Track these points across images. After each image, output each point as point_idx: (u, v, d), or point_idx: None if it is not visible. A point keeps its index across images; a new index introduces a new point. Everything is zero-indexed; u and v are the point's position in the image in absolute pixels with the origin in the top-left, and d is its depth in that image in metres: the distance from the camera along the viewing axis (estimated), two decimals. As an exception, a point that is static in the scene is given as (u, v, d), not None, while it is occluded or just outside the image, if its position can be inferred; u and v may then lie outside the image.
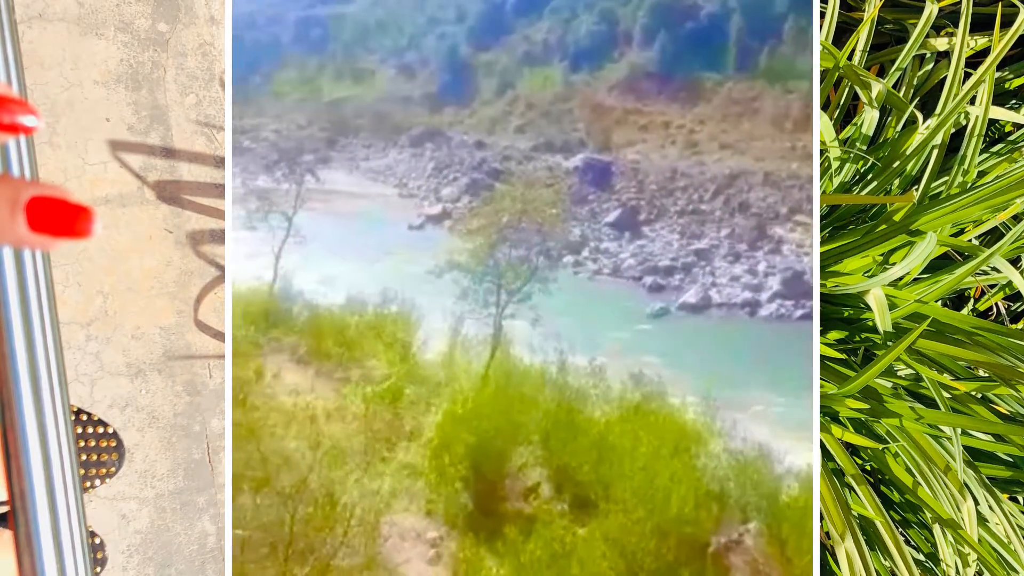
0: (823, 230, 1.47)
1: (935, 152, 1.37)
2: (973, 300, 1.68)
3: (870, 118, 1.41)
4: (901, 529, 1.47)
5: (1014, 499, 1.47)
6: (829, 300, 1.43)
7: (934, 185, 1.41)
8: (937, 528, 1.29)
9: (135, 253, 1.61)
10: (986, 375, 1.31)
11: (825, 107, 1.54)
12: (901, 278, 1.33)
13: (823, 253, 1.37)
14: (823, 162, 1.43)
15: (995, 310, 1.74)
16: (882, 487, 1.49)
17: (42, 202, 0.39)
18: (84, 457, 1.52)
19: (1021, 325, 1.74)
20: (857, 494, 1.26)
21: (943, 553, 1.29)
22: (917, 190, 1.35)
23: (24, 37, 1.52)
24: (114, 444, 1.55)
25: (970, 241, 1.45)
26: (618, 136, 1.82)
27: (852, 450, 1.43)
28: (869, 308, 1.27)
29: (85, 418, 1.53)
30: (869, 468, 1.49)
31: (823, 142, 1.38)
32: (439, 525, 1.04)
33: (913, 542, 1.45)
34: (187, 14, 1.65)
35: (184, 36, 1.65)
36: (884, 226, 1.32)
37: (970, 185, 1.39)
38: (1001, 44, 1.32)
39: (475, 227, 1.42)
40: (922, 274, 1.42)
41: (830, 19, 1.41)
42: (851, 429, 1.35)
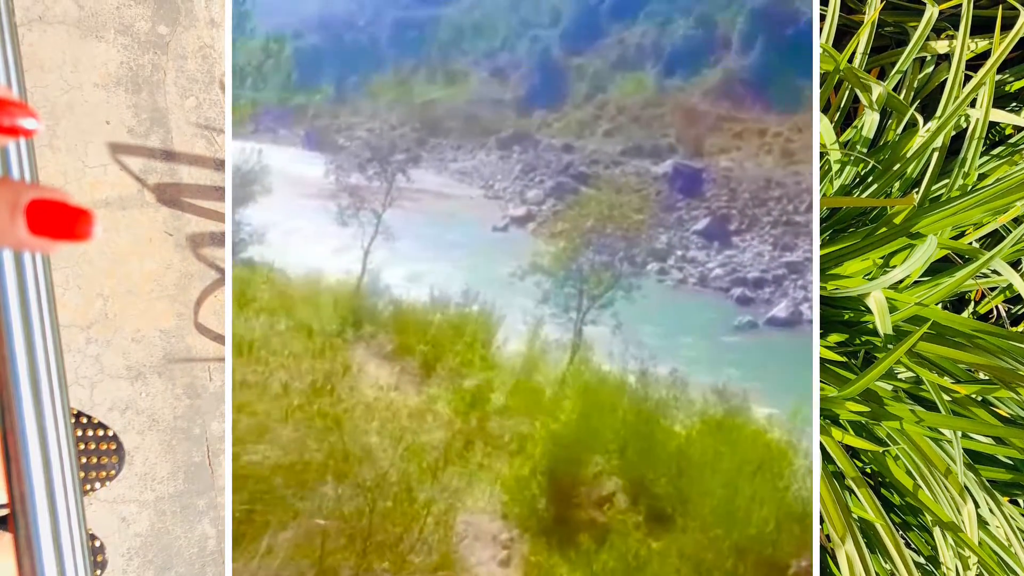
0: (823, 233, 1.47)
1: (935, 155, 1.37)
2: (973, 303, 1.68)
3: (870, 121, 1.41)
4: (901, 532, 1.46)
5: (1015, 502, 1.46)
6: (830, 303, 1.43)
7: (934, 188, 1.41)
8: (937, 531, 1.29)
9: (135, 256, 1.61)
10: (986, 378, 1.31)
11: (825, 110, 1.54)
12: (901, 281, 1.33)
13: (824, 256, 1.37)
14: (823, 165, 1.43)
15: (995, 313, 1.74)
16: (882, 490, 1.49)
17: (42, 205, 0.39)
18: (84, 460, 1.52)
19: (1021, 328, 1.74)
20: (857, 497, 1.25)
21: (943, 556, 1.29)
22: (918, 193, 1.35)
23: (24, 40, 1.52)
24: (114, 447, 1.55)
25: (971, 244, 1.45)
26: (710, 143, 1.79)
27: (852, 453, 1.43)
28: (869, 311, 1.27)
29: (85, 421, 1.53)
30: (869, 471, 1.49)
31: (823, 145, 1.38)
32: (512, 527, 1.03)
33: (913, 545, 1.45)
34: (187, 17, 1.65)
35: (184, 39, 1.65)
36: (884, 229, 1.32)
37: (971, 188, 1.39)
38: (1002, 47, 1.32)
39: (559, 230, 1.41)
40: (922, 277, 1.42)
41: (830, 22, 1.41)
42: (851, 432, 1.35)
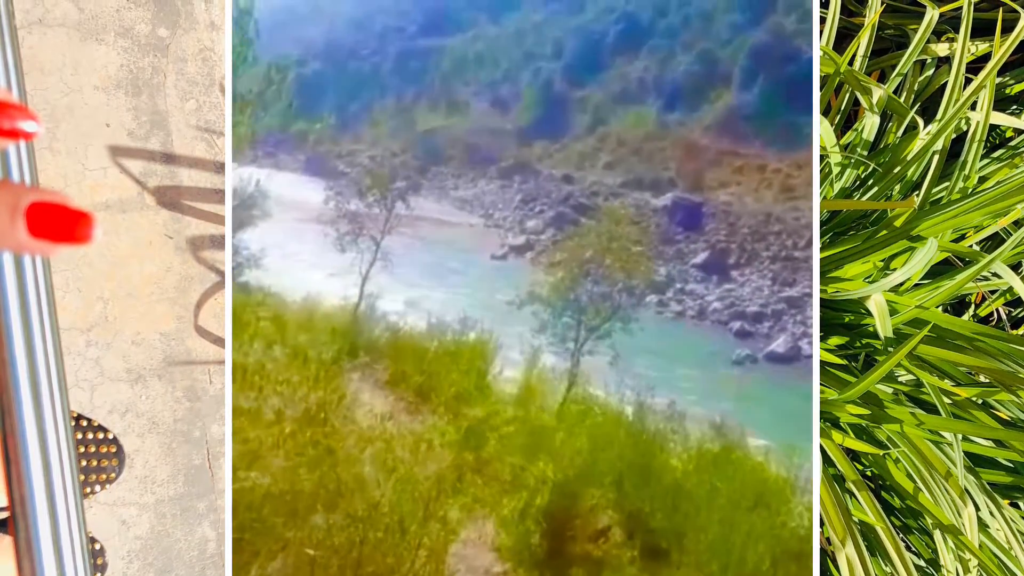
0: (824, 236, 1.47)
1: (936, 157, 1.37)
2: (974, 306, 1.68)
3: (871, 124, 1.41)
4: (902, 535, 1.46)
5: (1015, 505, 1.46)
6: (830, 306, 1.43)
7: (935, 191, 1.41)
8: (938, 534, 1.29)
9: (135, 259, 1.61)
10: (987, 381, 1.31)
11: (826, 112, 1.54)
12: (902, 283, 1.33)
13: (824, 258, 1.37)
14: (824, 168, 1.43)
15: (996, 316, 1.74)
16: (883, 493, 1.49)
17: (42, 208, 0.39)
18: (84, 463, 1.52)
19: (1022, 331, 1.74)
20: (858, 500, 1.25)
21: (944, 559, 1.29)
22: (918, 196, 1.35)
23: (24, 42, 1.52)
24: (114, 450, 1.55)
25: (971, 247, 1.45)
26: (710, 177, 1.79)
27: (853, 456, 1.43)
28: (870, 314, 1.27)
29: (85, 424, 1.53)
30: (870, 474, 1.49)
31: (823, 148, 1.38)
32: (506, 560, 1.02)
33: (914, 548, 1.45)
34: (187, 19, 1.65)
35: (184, 41, 1.65)
36: (885, 232, 1.32)
37: (971, 190, 1.39)
38: (1002, 50, 1.32)
39: (558, 260, 1.40)
40: (923, 280, 1.42)
41: (831, 24, 1.41)
42: (852, 435, 1.35)
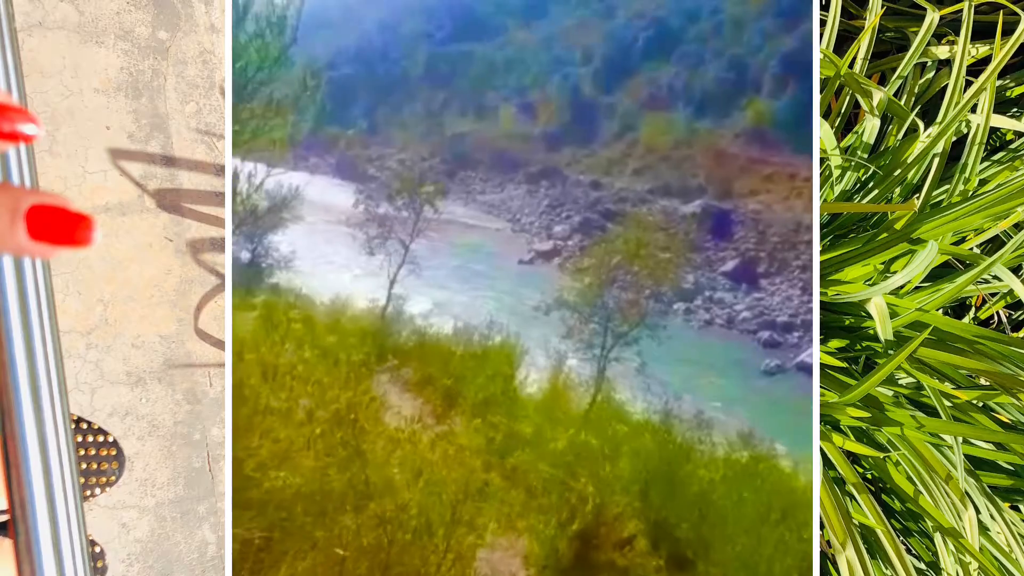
0: (824, 238, 1.47)
1: (936, 160, 1.37)
2: (974, 308, 1.68)
3: (871, 126, 1.41)
4: (902, 538, 1.46)
5: (1015, 508, 1.46)
6: (830, 308, 1.43)
7: (935, 193, 1.41)
8: (938, 537, 1.29)
9: (135, 261, 1.61)
10: (987, 384, 1.31)
11: (826, 115, 1.54)
12: (902, 286, 1.33)
13: (825, 261, 1.37)
14: (824, 170, 1.42)
15: (996, 318, 1.74)
16: (883, 496, 1.48)
17: (42, 210, 0.39)
18: (84, 466, 1.52)
19: (1022, 334, 1.74)
20: (858, 503, 1.25)
21: (944, 562, 1.29)
22: (918, 198, 1.35)
23: (24, 45, 1.53)
24: (114, 453, 1.55)
25: (971, 249, 1.45)
26: (740, 185, 1.78)
27: (853, 459, 1.43)
28: (870, 316, 1.27)
29: (85, 427, 1.53)
30: (870, 477, 1.49)
31: (824, 150, 1.38)
32: (531, 566, 1.02)
33: (914, 551, 1.45)
34: (187, 22, 1.65)
35: (184, 44, 1.65)
36: (885, 234, 1.32)
37: (971, 193, 1.39)
38: (1002, 52, 1.32)
39: (585, 266, 1.39)
40: (923, 282, 1.42)
41: (831, 27, 1.41)
42: (852, 438, 1.35)
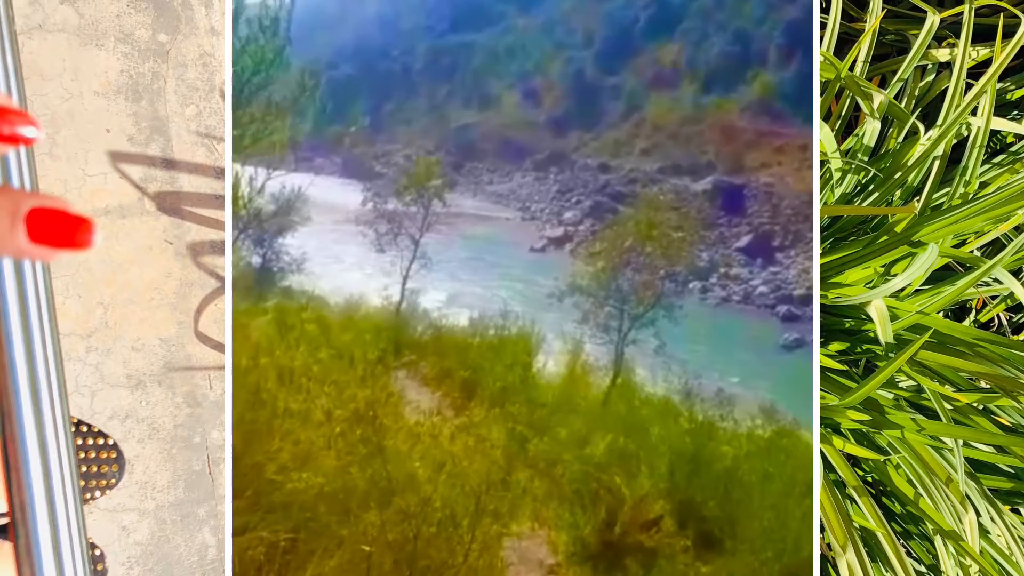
0: (824, 241, 1.47)
1: (936, 163, 1.37)
2: (975, 311, 1.68)
3: (872, 129, 1.41)
4: (903, 541, 1.46)
5: (1016, 511, 1.46)
6: (830, 311, 1.43)
7: (935, 196, 1.41)
8: (939, 540, 1.29)
9: (135, 264, 1.61)
10: (988, 386, 1.31)
11: (826, 118, 1.54)
12: (902, 289, 1.33)
13: (825, 264, 1.37)
14: (824, 173, 1.42)
15: (997, 321, 1.74)
16: (883, 499, 1.48)
17: (42, 213, 0.39)
18: (84, 469, 1.52)
19: (1022, 336, 1.74)
20: (858, 505, 1.25)
21: (945, 565, 1.29)
22: (919, 201, 1.35)
23: (24, 48, 1.53)
24: (114, 456, 1.55)
25: (972, 252, 1.45)
26: (750, 159, 1.76)
27: (853, 462, 1.43)
28: (870, 319, 1.27)
29: (85, 429, 1.53)
30: (870, 480, 1.49)
31: (824, 153, 1.38)
32: (559, 552, 1.01)
33: (915, 554, 1.45)
34: (187, 25, 1.65)
35: (184, 47, 1.65)
36: (885, 237, 1.32)
37: (972, 196, 1.39)
38: (1003, 55, 1.32)
39: (598, 250, 1.39)
40: (924, 285, 1.42)
41: (831, 30, 1.41)
42: (852, 440, 1.35)
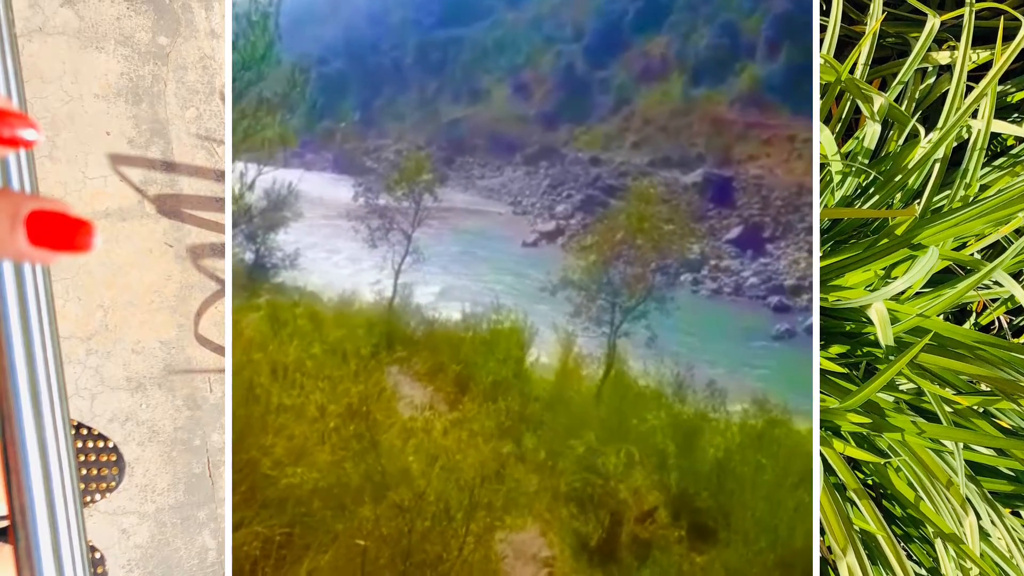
0: (825, 244, 1.47)
1: (937, 166, 1.37)
2: (975, 314, 1.68)
3: (872, 132, 1.41)
4: (903, 544, 1.46)
5: (1016, 514, 1.46)
6: (831, 314, 1.43)
7: (936, 199, 1.41)
8: (939, 543, 1.28)
9: (135, 267, 1.61)
10: (988, 389, 1.31)
11: (827, 121, 1.54)
12: (903, 292, 1.33)
13: (825, 267, 1.37)
14: (824, 176, 1.42)
15: (997, 324, 1.74)
16: (884, 501, 1.48)
17: (42, 216, 0.39)
18: (84, 471, 1.52)
19: (1023, 339, 1.74)
20: (859, 508, 1.25)
21: (945, 568, 1.28)
22: (919, 204, 1.35)
23: (24, 50, 1.53)
24: (114, 458, 1.55)
25: (972, 255, 1.45)
26: (739, 151, 1.77)
27: (854, 464, 1.43)
28: (871, 322, 1.27)
29: (85, 432, 1.53)
30: (871, 482, 1.49)
31: (825, 156, 1.38)
32: (553, 545, 1.02)
33: (915, 557, 1.45)
34: (187, 27, 1.65)
35: (184, 49, 1.65)
36: (886, 240, 1.32)
37: (972, 199, 1.39)
38: (1003, 58, 1.32)
39: (589, 244, 1.39)
40: (924, 288, 1.42)
41: (831, 32, 1.41)
42: (853, 443, 1.35)
